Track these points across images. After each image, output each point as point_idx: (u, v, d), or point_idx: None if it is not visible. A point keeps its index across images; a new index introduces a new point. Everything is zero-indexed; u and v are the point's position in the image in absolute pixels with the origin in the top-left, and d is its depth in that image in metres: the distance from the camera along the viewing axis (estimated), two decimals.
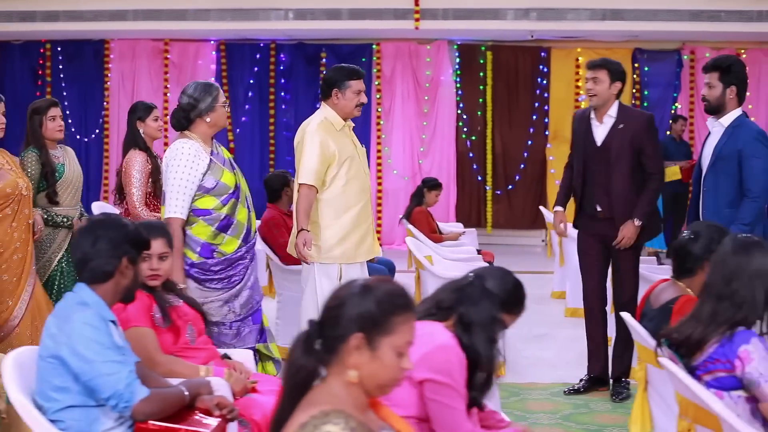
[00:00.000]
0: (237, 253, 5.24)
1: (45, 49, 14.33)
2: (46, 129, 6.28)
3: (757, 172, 5.60)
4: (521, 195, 14.35)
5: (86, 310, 3.46)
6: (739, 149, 5.62)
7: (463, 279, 3.55)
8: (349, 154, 5.90)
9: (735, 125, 5.72)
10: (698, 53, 13.86)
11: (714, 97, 5.75)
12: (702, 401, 3.33)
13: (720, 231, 4.30)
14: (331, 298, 2.53)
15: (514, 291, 3.58)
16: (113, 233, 3.59)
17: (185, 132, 5.25)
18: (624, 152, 6.20)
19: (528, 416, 6.04)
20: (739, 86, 5.75)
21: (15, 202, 5.70)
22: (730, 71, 5.73)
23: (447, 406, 3.26)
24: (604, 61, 6.35)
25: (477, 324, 3.38)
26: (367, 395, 2.52)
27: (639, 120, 6.30)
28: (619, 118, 6.25)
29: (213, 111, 5.21)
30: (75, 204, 6.41)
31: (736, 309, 3.48)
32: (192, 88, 5.24)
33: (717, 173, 5.71)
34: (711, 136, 5.88)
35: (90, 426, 3.44)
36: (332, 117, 5.92)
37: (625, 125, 6.22)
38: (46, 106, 6.34)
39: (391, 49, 14.17)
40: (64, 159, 6.38)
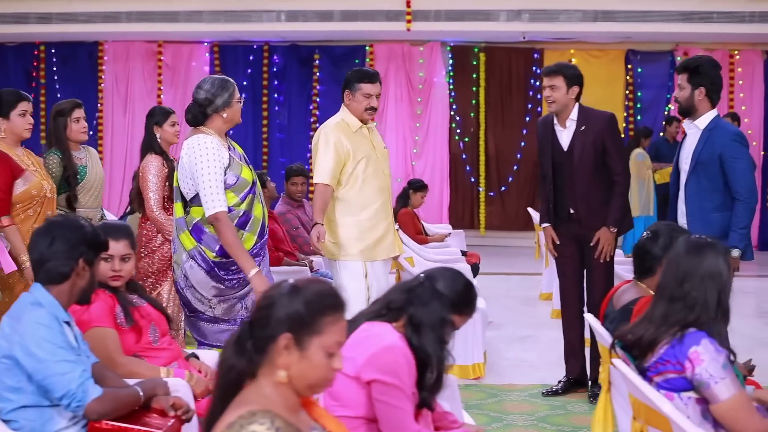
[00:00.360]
0: (253, 249, 5.21)
1: (39, 51, 14.39)
2: (71, 131, 6.23)
3: (741, 174, 5.55)
4: (514, 196, 14.35)
5: (39, 310, 3.48)
6: (719, 153, 5.56)
7: (413, 280, 3.56)
8: (365, 153, 5.98)
9: (711, 128, 5.65)
10: (691, 54, 13.78)
11: (684, 98, 5.69)
12: (652, 402, 3.33)
13: (679, 230, 4.30)
14: (261, 299, 2.54)
15: (464, 292, 3.58)
16: (70, 234, 3.60)
17: (200, 128, 5.18)
18: (587, 154, 6.23)
19: (504, 417, 6.04)
20: (709, 87, 5.67)
21: (38, 203, 5.65)
22: (698, 72, 5.66)
23: (394, 407, 3.27)
24: (558, 67, 6.38)
25: (426, 325, 3.39)
26: (297, 395, 2.53)
27: (600, 120, 6.31)
28: (580, 120, 6.28)
29: (229, 107, 5.16)
30: (96, 206, 6.38)
31: (689, 310, 3.47)
32: (209, 84, 5.18)
33: (699, 179, 5.65)
34: (687, 138, 5.82)
35: (44, 426, 3.46)
36: (348, 118, 6.05)
37: (586, 127, 6.24)
38: (71, 107, 6.29)
39: (384, 51, 14.20)
40: (87, 161, 6.33)
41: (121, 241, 4.32)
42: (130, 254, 4.36)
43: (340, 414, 3.35)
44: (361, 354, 3.32)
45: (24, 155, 5.74)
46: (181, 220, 5.23)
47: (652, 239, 4.35)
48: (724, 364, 3.37)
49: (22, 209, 5.59)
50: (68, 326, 3.58)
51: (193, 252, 5.16)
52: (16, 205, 5.56)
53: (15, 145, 5.70)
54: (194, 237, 5.16)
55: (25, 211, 5.60)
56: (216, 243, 5.12)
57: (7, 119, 5.63)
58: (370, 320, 3.49)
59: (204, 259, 5.13)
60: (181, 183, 5.20)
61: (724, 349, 3.43)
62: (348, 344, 3.41)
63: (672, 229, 4.37)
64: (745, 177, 5.59)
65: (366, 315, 3.54)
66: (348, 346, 3.39)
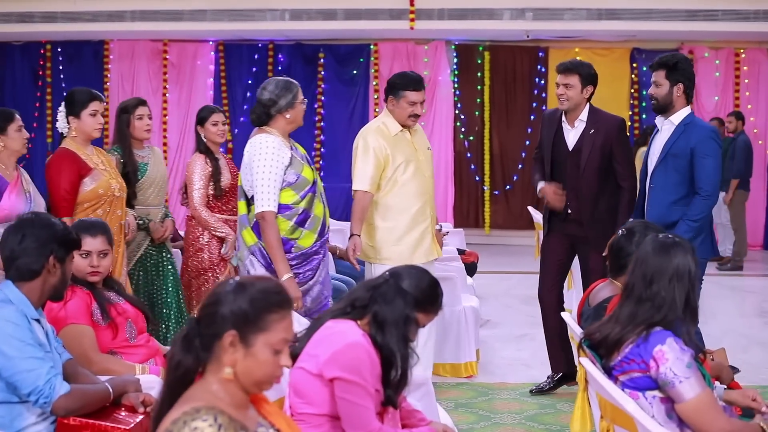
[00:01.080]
0: (313, 247, 5.31)
1: (45, 50, 14.45)
2: (134, 128, 6.25)
3: (709, 171, 5.55)
4: (519, 195, 14.32)
5: (8, 307, 3.50)
6: (692, 147, 5.56)
7: (378, 278, 3.56)
8: (405, 157, 6.00)
9: (687, 123, 5.65)
10: (697, 53, 13.80)
11: (661, 95, 5.67)
12: (617, 401, 3.33)
13: (653, 228, 4.30)
14: (208, 296, 2.56)
15: (428, 290, 3.58)
16: (40, 232, 3.63)
17: (264, 128, 5.30)
18: (594, 157, 6.16)
19: (492, 416, 6.04)
20: (686, 84, 5.66)
21: (107, 202, 5.64)
22: (676, 69, 5.65)
23: (355, 404, 3.27)
24: (574, 65, 6.28)
25: (390, 322, 3.40)
26: (245, 392, 2.54)
27: (610, 124, 6.24)
28: (590, 122, 6.20)
29: (293, 108, 5.28)
30: (158, 203, 6.39)
31: (656, 310, 3.46)
32: (273, 85, 5.29)
33: (666, 170, 5.64)
34: (660, 133, 5.80)
35: (13, 421, 3.48)
36: (389, 122, 6.06)
37: (596, 130, 6.16)
38: (134, 104, 6.31)
39: (388, 50, 14.19)
40: (150, 159, 6.34)
41: (98, 237, 4.38)
42: (108, 250, 4.41)
43: (304, 411, 3.37)
44: (324, 352, 3.33)
45: (94, 154, 5.73)
46: (244, 217, 5.35)
47: (626, 237, 4.35)
48: (689, 363, 3.36)
49: (90, 208, 5.59)
50: (38, 323, 3.60)
51: (253, 248, 5.27)
52: (83, 204, 5.57)
53: (85, 144, 5.69)
54: (255, 233, 5.27)
55: (94, 210, 5.59)
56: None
57: (78, 118, 5.61)
58: (334, 318, 3.50)
59: (263, 255, 5.23)
60: (244, 181, 5.32)
61: (690, 348, 3.42)
62: (312, 342, 3.44)
63: (646, 227, 4.37)
64: (712, 175, 5.57)
65: (331, 313, 3.55)
66: (312, 344, 3.42)
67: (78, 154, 5.59)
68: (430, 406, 4.16)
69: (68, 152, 5.60)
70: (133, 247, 6.20)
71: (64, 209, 5.47)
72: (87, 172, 5.58)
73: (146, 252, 6.27)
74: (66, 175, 5.50)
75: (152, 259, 6.29)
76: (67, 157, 5.58)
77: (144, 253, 6.26)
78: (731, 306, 9.97)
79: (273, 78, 5.42)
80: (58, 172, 5.53)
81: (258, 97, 5.32)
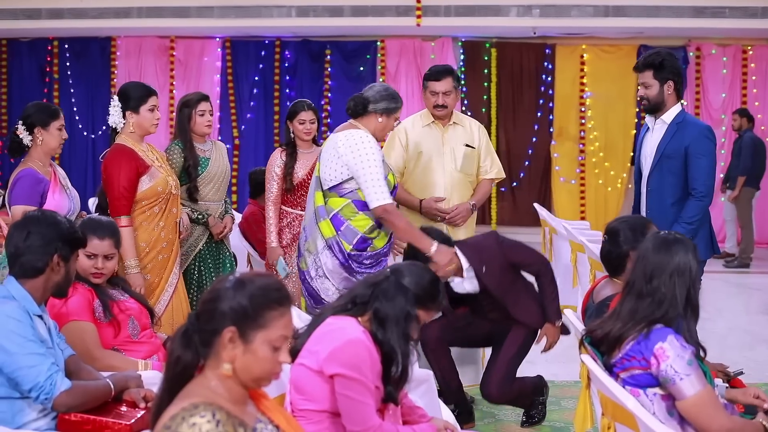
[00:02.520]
0: (384, 248, 5.34)
1: (52, 47, 14.45)
2: (194, 123, 6.21)
3: (704, 172, 5.46)
4: (526, 192, 14.30)
5: (10, 303, 3.51)
6: (686, 146, 5.46)
7: (379, 274, 3.57)
8: (426, 149, 6.17)
9: (679, 122, 5.55)
10: (704, 50, 13.77)
11: (652, 95, 5.54)
12: (617, 398, 3.33)
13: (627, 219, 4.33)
14: (208, 292, 2.56)
15: (429, 287, 3.59)
16: (46, 230, 3.63)
17: (353, 122, 5.34)
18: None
19: (496, 412, 6.04)
20: (676, 80, 5.54)
21: (164, 200, 5.57)
22: (663, 67, 5.52)
23: (355, 401, 3.27)
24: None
25: (391, 319, 3.40)
26: (244, 388, 2.55)
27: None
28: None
29: (387, 115, 5.32)
30: (219, 199, 6.36)
31: (656, 306, 3.46)
32: (383, 88, 5.36)
33: (662, 172, 5.56)
34: (652, 133, 5.68)
35: (14, 417, 3.48)
36: (423, 114, 6.33)
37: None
38: (196, 100, 6.26)
39: (395, 46, 14.18)
40: (211, 153, 6.32)
41: (106, 240, 4.38)
42: (114, 253, 4.41)
43: (305, 407, 3.37)
44: (324, 348, 3.34)
45: (148, 150, 5.65)
46: (321, 208, 5.31)
47: (611, 240, 4.39)
48: (690, 360, 3.36)
49: (148, 206, 5.51)
50: (40, 320, 3.60)
51: (330, 241, 5.24)
52: (141, 202, 5.48)
53: (141, 140, 5.59)
54: (334, 225, 5.26)
55: (151, 208, 5.52)
56: (354, 236, 5.23)
57: (137, 113, 5.51)
58: (335, 314, 3.50)
59: (341, 249, 5.22)
60: (323, 172, 5.30)
61: (691, 346, 3.42)
62: (312, 338, 3.44)
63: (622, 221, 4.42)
64: (706, 175, 5.48)
65: (331, 309, 3.55)
66: (312, 340, 3.43)
67: (135, 151, 5.48)
68: (432, 402, 4.16)
69: (125, 149, 5.47)
70: (192, 243, 6.19)
71: (123, 207, 5.38)
72: (145, 169, 5.48)
73: (205, 248, 6.26)
74: (125, 172, 5.39)
75: (211, 255, 6.28)
76: (125, 154, 5.44)
77: (203, 249, 6.25)
78: (737, 303, 9.95)
79: (385, 83, 5.53)
80: (116, 169, 5.40)
81: (363, 91, 5.37)
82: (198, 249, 6.22)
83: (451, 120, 6.27)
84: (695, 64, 13.84)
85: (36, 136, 5.31)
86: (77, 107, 14.41)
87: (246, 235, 7.62)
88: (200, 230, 6.22)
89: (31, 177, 5.24)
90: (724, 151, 13.55)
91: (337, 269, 5.21)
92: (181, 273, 5.93)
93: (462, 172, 6.20)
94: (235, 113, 14.44)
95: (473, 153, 6.26)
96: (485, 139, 6.35)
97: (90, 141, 14.43)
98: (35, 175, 5.25)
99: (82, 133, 14.45)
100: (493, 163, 6.37)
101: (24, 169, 5.28)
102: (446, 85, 6.12)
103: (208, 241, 6.28)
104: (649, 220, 4.55)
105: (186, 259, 6.15)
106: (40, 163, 5.32)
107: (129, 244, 5.30)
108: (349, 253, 5.20)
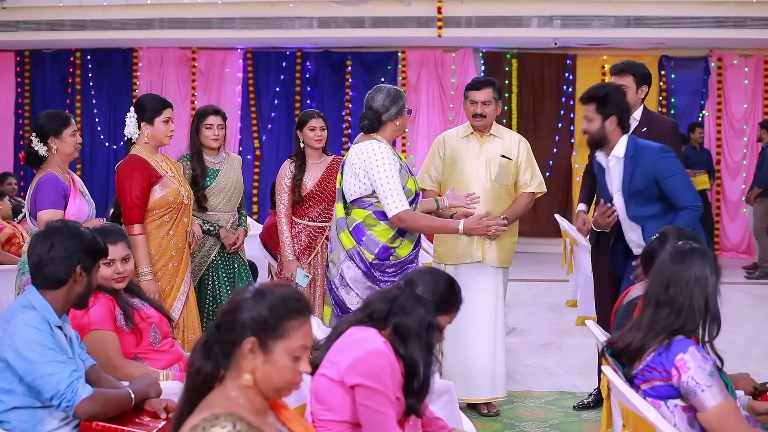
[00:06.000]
0: (409, 257, 5.35)
1: (75, 58, 14.56)
2: (202, 136, 6.34)
3: (681, 187, 5.34)
4: (547, 203, 14.17)
5: (30, 313, 3.53)
6: (653, 175, 5.33)
7: (394, 288, 3.54)
8: (462, 159, 6.21)
9: (632, 155, 5.38)
10: (726, 60, 13.72)
11: (594, 130, 5.42)
12: (638, 410, 3.32)
13: (686, 234, 4.28)
14: (228, 303, 2.57)
15: (446, 292, 3.57)
16: (69, 241, 3.64)
17: (372, 135, 5.36)
18: None
19: (517, 424, 6.03)
20: (621, 116, 5.40)
21: (175, 210, 5.68)
22: (606, 102, 5.39)
23: (377, 412, 3.27)
24: (627, 66, 6.12)
25: (413, 333, 3.38)
26: (264, 398, 2.55)
27: (664, 126, 6.11)
28: (643, 121, 6.06)
29: (401, 116, 5.35)
30: (230, 210, 6.42)
31: (675, 316, 3.45)
32: (384, 93, 5.35)
33: (638, 205, 5.43)
34: (611, 171, 5.52)
35: (35, 426, 3.51)
36: (463, 127, 6.38)
37: (648, 129, 6.00)
38: (205, 113, 6.39)
39: (416, 57, 14.19)
40: (222, 165, 6.40)
41: (119, 244, 4.43)
42: (129, 254, 4.47)
43: (325, 418, 3.37)
44: (345, 358, 3.33)
45: (162, 161, 5.74)
46: (341, 220, 5.36)
47: (659, 240, 4.32)
48: (711, 371, 3.35)
49: (159, 215, 5.62)
50: (60, 330, 3.62)
51: (351, 252, 5.26)
52: (153, 212, 5.59)
53: (155, 150, 5.70)
54: (354, 237, 5.28)
55: (161, 217, 5.63)
56: (376, 246, 5.25)
57: (151, 125, 5.61)
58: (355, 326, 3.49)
59: (362, 259, 5.24)
60: (345, 185, 5.34)
61: (712, 357, 3.41)
62: (333, 348, 3.44)
63: (678, 229, 4.34)
64: (686, 188, 5.37)
65: (347, 323, 3.54)
66: (333, 351, 3.42)
67: (148, 161, 5.59)
68: (453, 414, 4.16)
69: (138, 159, 5.59)
70: (204, 254, 6.25)
71: (136, 216, 5.49)
72: (157, 179, 5.58)
73: (218, 259, 6.30)
74: (137, 182, 5.50)
75: (224, 266, 6.33)
76: (137, 164, 5.56)
77: (216, 261, 6.29)
78: (760, 315, 9.88)
79: (381, 86, 5.46)
80: (129, 179, 5.52)
81: (368, 104, 5.36)
82: (210, 260, 6.27)
83: (491, 131, 6.27)
84: (717, 74, 13.78)
85: (50, 146, 5.39)
86: (99, 118, 14.50)
87: (267, 245, 7.64)
88: (212, 241, 6.28)
89: (53, 181, 5.33)
90: (746, 162, 13.49)
91: (360, 279, 5.23)
92: (194, 284, 5.99)
93: (497, 182, 6.18)
94: (256, 124, 14.48)
95: (510, 164, 6.23)
96: (526, 152, 6.30)
97: (111, 151, 14.50)
98: (57, 179, 5.34)
99: (104, 144, 14.54)
100: (534, 177, 6.30)
101: (45, 175, 5.36)
102: (486, 95, 6.14)
103: (221, 252, 6.32)
104: (698, 237, 4.42)
105: (199, 270, 6.22)
106: (59, 169, 5.41)
107: (142, 252, 5.44)
108: (371, 263, 5.22)
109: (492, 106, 6.19)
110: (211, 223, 6.23)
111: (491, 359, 6.16)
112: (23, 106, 14.81)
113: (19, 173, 13.21)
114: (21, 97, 14.83)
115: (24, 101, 14.80)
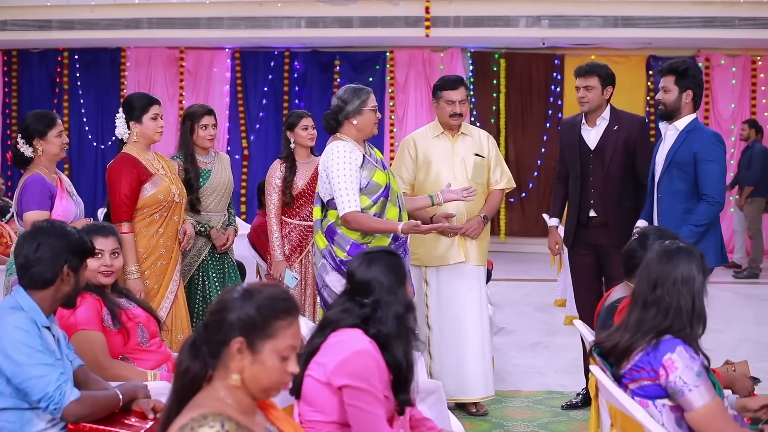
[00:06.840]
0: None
1: (62, 57, 14.52)
2: (197, 136, 6.29)
3: (713, 176, 5.50)
4: (535, 203, 14.29)
5: (18, 314, 3.51)
6: (695, 152, 5.50)
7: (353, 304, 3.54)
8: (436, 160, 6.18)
9: (689, 129, 5.59)
10: (713, 60, 13.76)
11: (670, 101, 5.61)
12: (626, 409, 3.32)
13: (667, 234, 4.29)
14: (216, 303, 2.57)
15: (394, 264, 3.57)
16: (55, 241, 3.63)
17: (337, 134, 5.37)
18: (618, 154, 6.11)
19: (505, 423, 6.03)
20: (696, 91, 5.61)
21: (165, 208, 5.67)
22: (686, 75, 5.60)
23: (366, 412, 3.27)
24: (592, 67, 6.25)
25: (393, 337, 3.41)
26: (252, 398, 2.55)
27: (633, 122, 6.23)
28: (612, 120, 6.17)
29: (360, 114, 5.32)
30: (221, 210, 6.41)
31: (663, 316, 3.45)
32: (342, 91, 5.38)
33: (672, 179, 5.59)
34: (664, 141, 5.74)
35: (23, 427, 3.49)
36: (434, 125, 6.36)
37: (619, 127, 6.13)
38: (200, 113, 6.34)
39: (404, 57, 14.19)
40: (213, 165, 6.38)
41: (110, 238, 4.47)
42: (119, 249, 4.49)
43: (314, 419, 3.37)
44: (331, 360, 3.33)
45: (154, 159, 5.74)
46: (317, 222, 5.42)
47: (639, 241, 4.36)
48: (699, 371, 3.35)
49: (149, 213, 5.62)
50: (48, 331, 3.60)
51: (324, 251, 5.33)
52: (143, 210, 5.59)
53: (146, 148, 5.69)
54: (327, 238, 5.33)
55: (152, 215, 5.62)
56: (347, 243, 5.28)
57: (139, 123, 5.61)
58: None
59: (333, 258, 5.28)
60: (320, 187, 5.40)
61: (700, 357, 3.41)
62: (321, 350, 3.43)
63: (660, 232, 4.37)
64: (717, 181, 5.53)
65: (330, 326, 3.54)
66: (320, 352, 3.42)
67: (139, 159, 5.60)
68: (441, 413, 4.16)
69: (129, 157, 5.60)
70: (194, 254, 6.23)
71: (124, 214, 5.50)
72: (147, 177, 5.58)
73: (208, 259, 6.29)
74: (126, 180, 5.51)
75: (214, 266, 6.31)
76: (127, 162, 5.57)
77: (206, 261, 6.28)
78: (747, 314, 9.92)
79: (347, 85, 5.48)
80: (118, 177, 5.53)
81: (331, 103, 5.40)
82: (201, 260, 6.25)
83: (460, 130, 6.27)
84: (704, 74, 13.78)
85: (36, 147, 5.38)
86: (87, 117, 14.47)
87: (255, 245, 7.63)
88: (202, 241, 6.25)
89: (39, 182, 5.32)
90: (733, 161, 13.53)
91: (336, 277, 5.24)
92: (183, 283, 5.98)
93: (473, 181, 6.17)
94: (244, 124, 14.46)
95: (483, 162, 6.26)
96: (495, 149, 6.35)
97: (99, 151, 14.47)
98: (43, 180, 5.32)
99: (92, 144, 14.50)
100: (503, 173, 6.36)
101: (31, 176, 5.36)
102: (462, 94, 6.17)
103: (211, 252, 6.31)
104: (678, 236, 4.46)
105: (189, 270, 6.21)
106: (45, 170, 5.40)
107: (130, 250, 5.43)
108: (342, 260, 5.23)
109: (466, 104, 6.25)
110: (203, 224, 6.22)
111: (479, 358, 6.17)
112: (10, 105, 14.77)
113: (6, 173, 13.16)
114: (8, 97, 14.79)
115: (11, 101, 14.75)
